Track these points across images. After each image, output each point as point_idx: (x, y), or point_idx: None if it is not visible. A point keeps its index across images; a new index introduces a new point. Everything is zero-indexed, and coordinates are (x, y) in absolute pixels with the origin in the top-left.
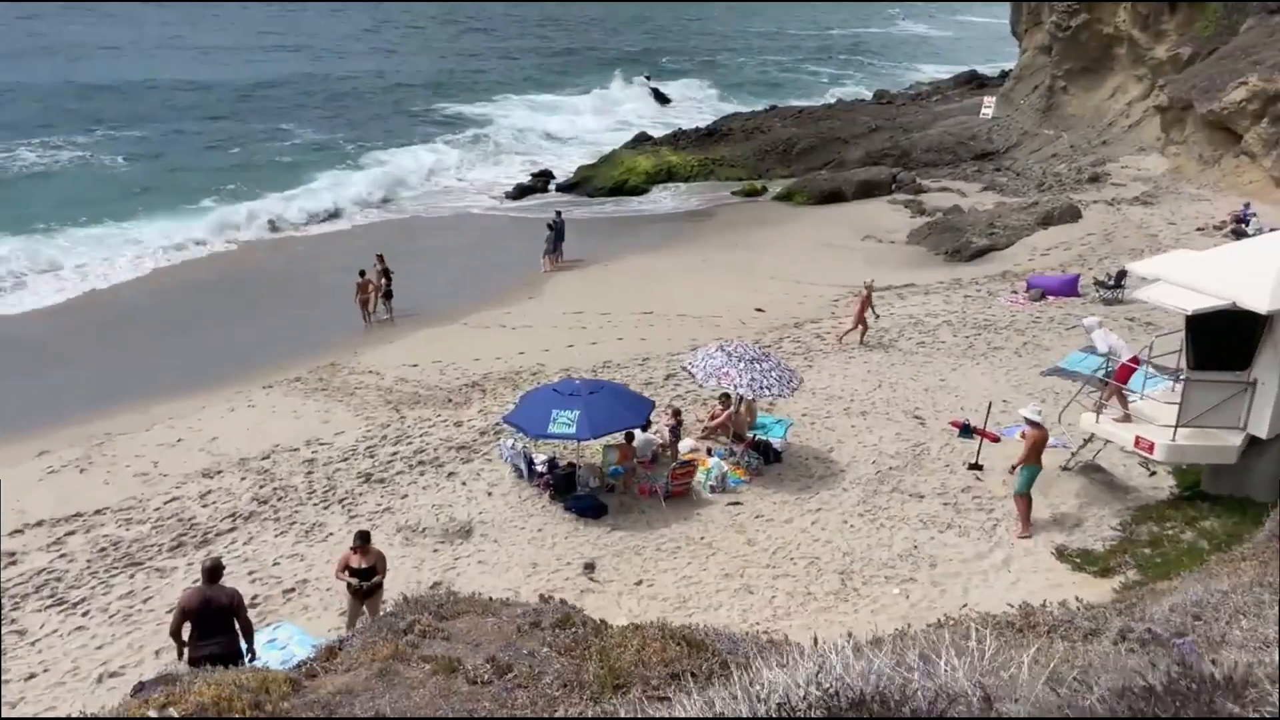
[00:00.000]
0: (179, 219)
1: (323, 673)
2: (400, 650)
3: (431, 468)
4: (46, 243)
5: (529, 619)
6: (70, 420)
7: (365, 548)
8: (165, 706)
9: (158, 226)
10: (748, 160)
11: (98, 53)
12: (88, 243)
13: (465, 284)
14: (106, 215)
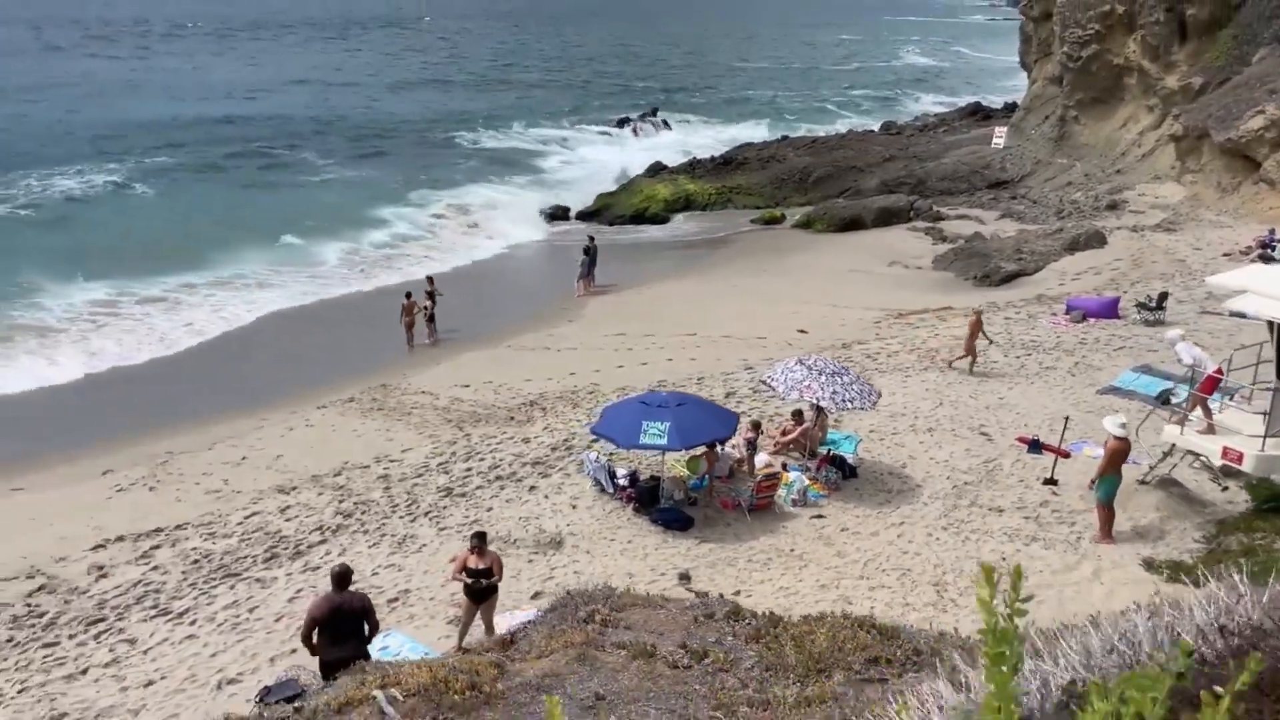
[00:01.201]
0: (265, 253)
1: (508, 660)
2: (591, 637)
3: (510, 482)
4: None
5: (699, 611)
6: (128, 440)
7: (483, 549)
8: (386, 687)
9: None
10: (764, 189)
11: (119, 88)
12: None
13: (502, 308)
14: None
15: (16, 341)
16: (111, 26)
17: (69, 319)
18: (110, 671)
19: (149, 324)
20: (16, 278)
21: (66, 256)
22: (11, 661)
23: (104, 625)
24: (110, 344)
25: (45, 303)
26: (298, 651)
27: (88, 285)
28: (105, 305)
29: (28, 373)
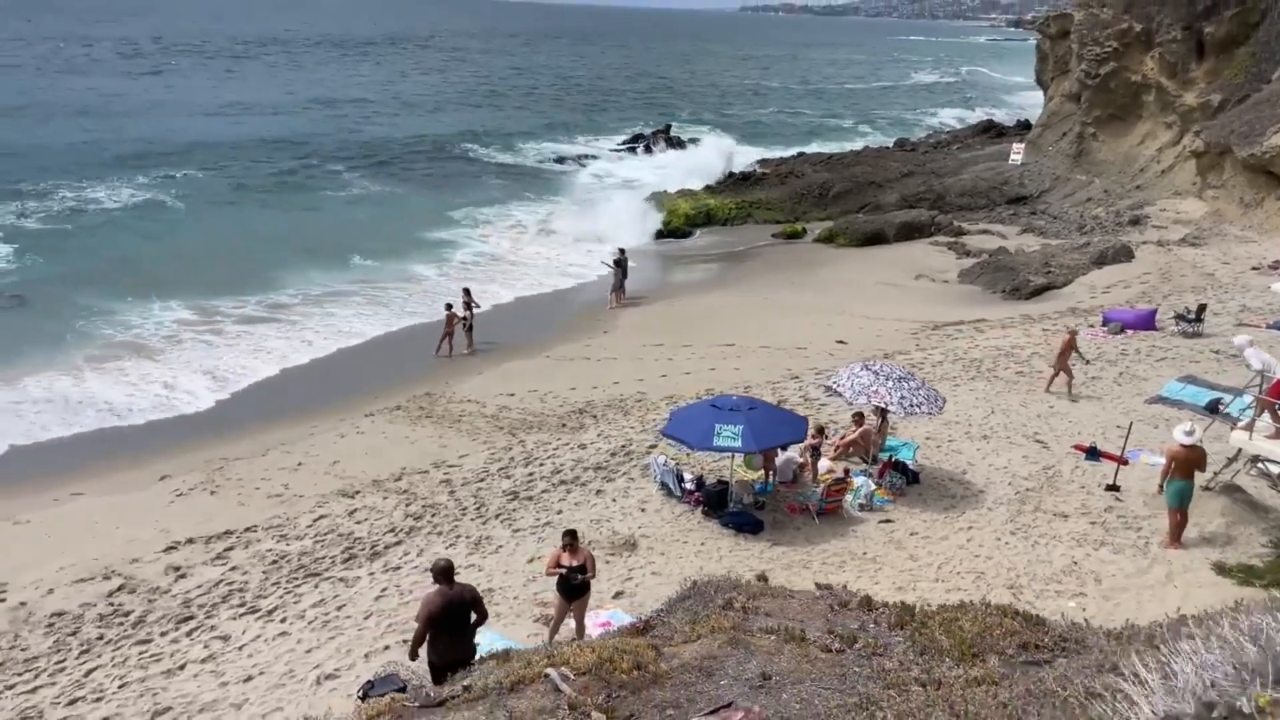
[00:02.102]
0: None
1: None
2: (738, 622)
3: (575, 486)
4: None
5: (831, 600)
6: (180, 448)
7: (575, 546)
8: (561, 665)
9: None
10: (784, 204)
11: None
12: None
13: (536, 319)
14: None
15: (146, 361)
16: (127, 44)
17: (167, 337)
18: (208, 667)
19: (261, 342)
20: (90, 293)
21: (127, 271)
22: (107, 658)
23: (194, 623)
24: (247, 360)
25: (133, 320)
26: (390, 648)
27: (167, 303)
28: (201, 323)
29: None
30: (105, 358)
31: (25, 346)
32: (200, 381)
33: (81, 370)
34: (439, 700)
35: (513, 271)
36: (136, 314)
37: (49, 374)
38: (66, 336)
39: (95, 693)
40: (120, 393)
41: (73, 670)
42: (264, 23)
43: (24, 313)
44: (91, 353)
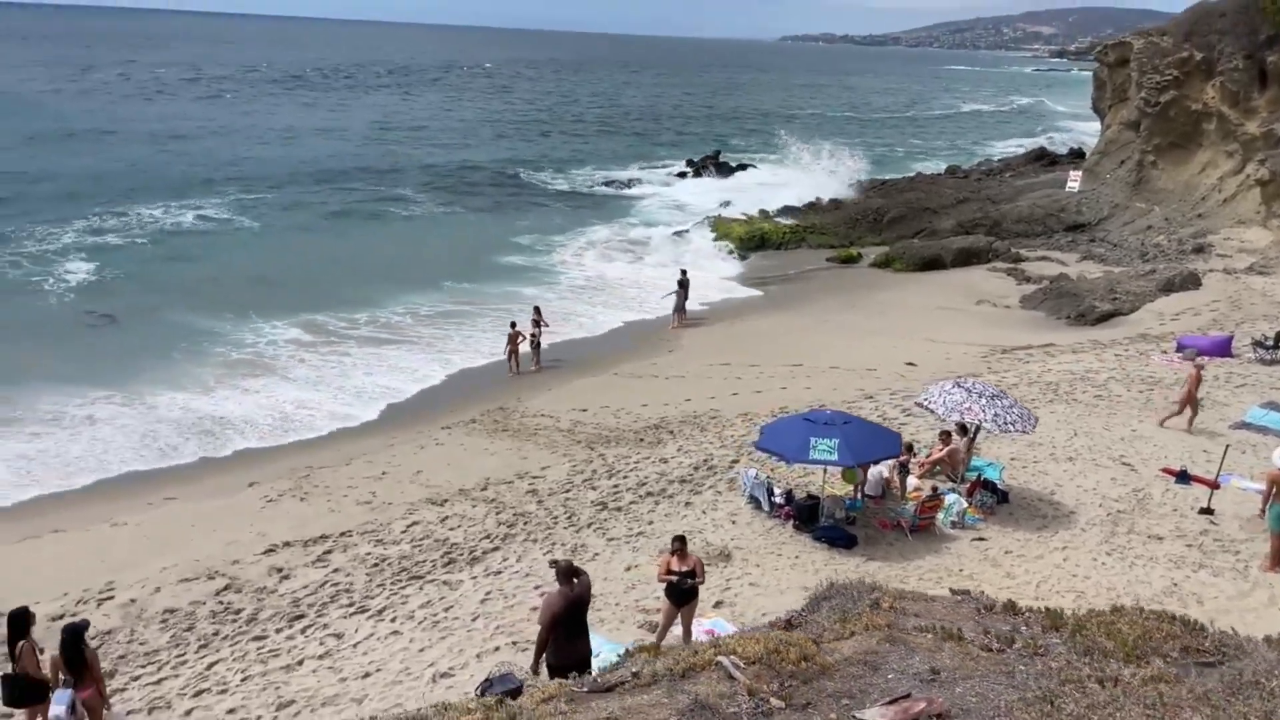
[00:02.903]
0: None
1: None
2: (892, 621)
3: (663, 498)
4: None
5: (974, 604)
6: (265, 456)
7: (684, 551)
8: (730, 655)
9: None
10: (838, 228)
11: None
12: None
13: (600, 338)
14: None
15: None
16: (192, 71)
17: (290, 355)
18: (325, 663)
19: (398, 360)
20: (180, 311)
21: (213, 289)
22: (226, 652)
23: (306, 621)
24: (388, 379)
25: (246, 338)
26: (500, 650)
27: (272, 321)
28: (323, 343)
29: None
30: (232, 376)
31: (136, 364)
32: (338, 400)
33: (212, 389)
34: (608, 685)
35: (610, 294)
36: (244, 332)
37: (180, 394)
38: (173, 354)
39: (219, 685)
40: (262, 412)
41: (194, 664)
42: (323, 51)
43: (120, 331)
44: (216, 372)
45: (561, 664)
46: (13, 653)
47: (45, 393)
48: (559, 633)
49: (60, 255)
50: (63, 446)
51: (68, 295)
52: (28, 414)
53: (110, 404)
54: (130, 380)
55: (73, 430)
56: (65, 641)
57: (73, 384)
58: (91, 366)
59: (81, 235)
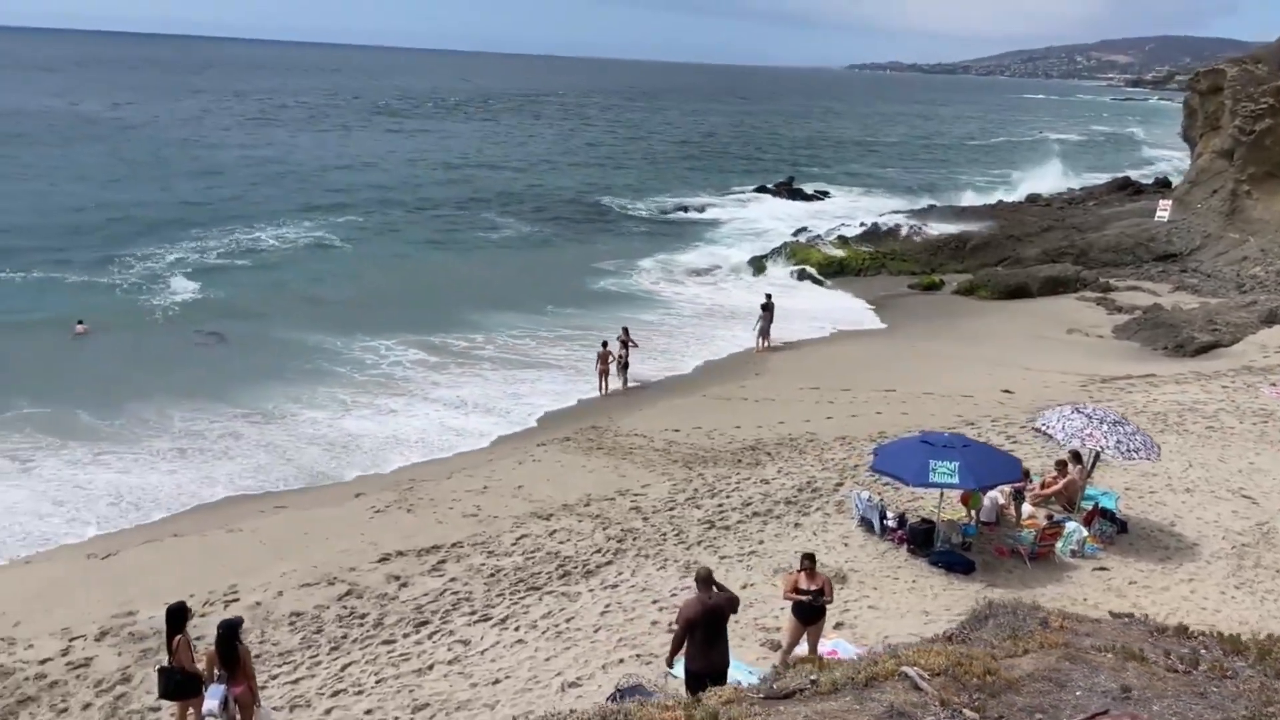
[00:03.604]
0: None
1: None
2: (1069, 640)
3: (770, 519)
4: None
5: (1142, 626)
6: (364, 468)
7: (813, 570)
8: (913, 664)
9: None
10: (919, 255)
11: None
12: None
13: (686, 360)
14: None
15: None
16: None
17: (419, 376)
18: (455, 669)
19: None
20: (284, 328)
21: (315, 308)
22: (358, 655)
23: (431, 627)
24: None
25: (367, 358)
26: (625, 661)
27: (384, 339)
28: (453, 363)
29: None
30: (364, 395)
31: (258, 384)
32: (482, 418)
33: (350, 408)
34: (786, 692)
35: (694, 316)
36: (358, 351)
37: (320, 413)
38: (287, 373)
39: (355, 686)
40: (411, 431)
41: (328, 665)
42: (403, 80)
43: (231, 349)
44: (347, 391)
45: (697, 670)
46: (170, 646)
47: (175, 409)
48: (695, 638)
49: (165, 275)
50: (208, 463)
51: (173, 310)
52: (163, 430)
53: (249, 422)
54: (260, 399)
55: (216, 445)
56: (220, 637)
57: (204, 401)
58: (217, 384)
59: (183, 256)
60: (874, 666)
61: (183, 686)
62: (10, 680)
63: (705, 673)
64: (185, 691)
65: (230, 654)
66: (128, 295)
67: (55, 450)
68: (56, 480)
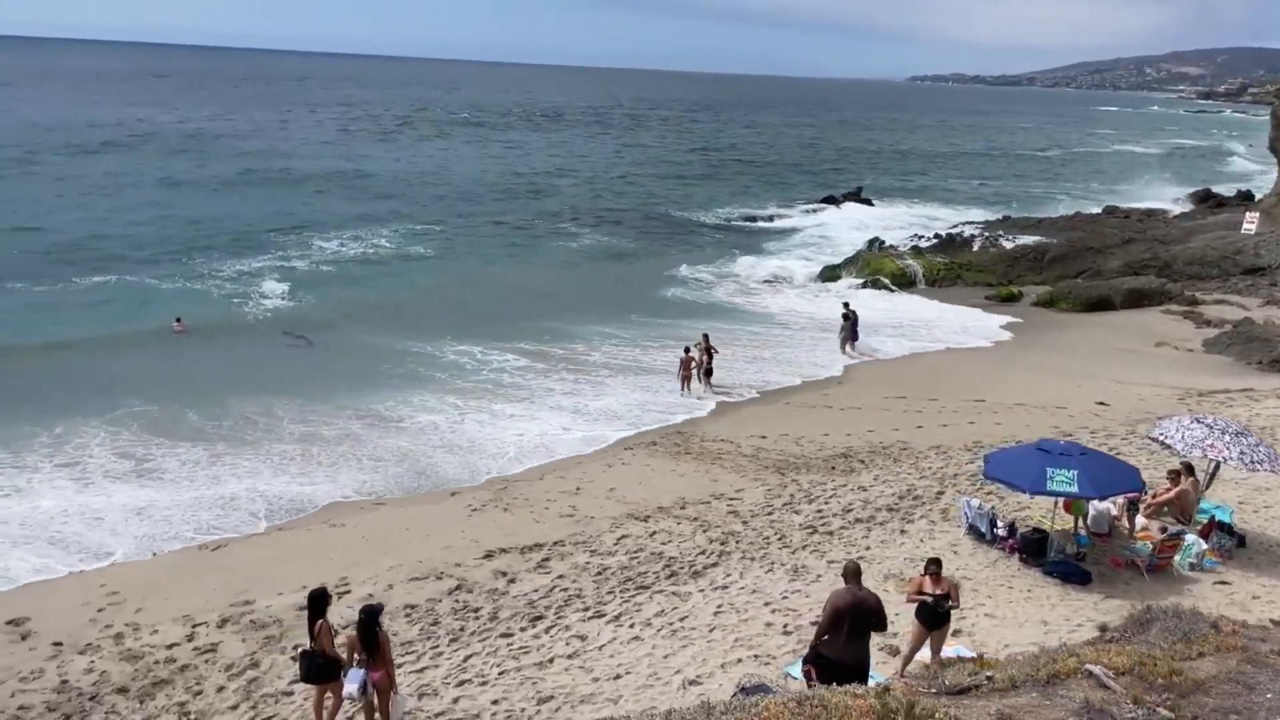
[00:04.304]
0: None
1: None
2: (1244, 645)
3: (874, 525)
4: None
5: None
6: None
7: (939, 575)
8: (1095, 663)
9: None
10: (995, 266)
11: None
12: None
13: (765, 367)
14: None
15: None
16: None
17: (534, 382)
18: (576, 663)
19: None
20: (372, 332)
21: (404, 313)
22: (478, 647)
23: (546, 622)
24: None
25: (466, 364)
26: (743, 661)
27: (481, 345)
28: (559, 370)
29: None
30: (474, 400)
31: (359, 386)
32: (570, 422)
33: (466, 414)
34: (959, 688)
35: (771, 324)
36: (453, 357)
37: (430, 415)
38: (382, 376)
39: (479, 677)
40: (531, 436)
41: (450, 656)
42: (474, 93)
43: (323, 353)
44: (451, 395)
45: (839, 661)
46: (311, 631)
47: (282, 409)
48: (840, 629)
49: (256, 281)
50: (335, 463)
51: (266, 314)
52: (273, 430)
53: (365, 424)
54: (367, 400)
55: (339, 446)
56: (362, 622)
57: (310, 402)
58: (319, 386)
59: (270, 263)
60: (1054, 664)
61: (323, 670)
62: (141, 663)
63: (848, 664)
64: (325, 675)
65: (371, 639)
66: (224, 299)
67: (169, 449)
68: (208, 475)
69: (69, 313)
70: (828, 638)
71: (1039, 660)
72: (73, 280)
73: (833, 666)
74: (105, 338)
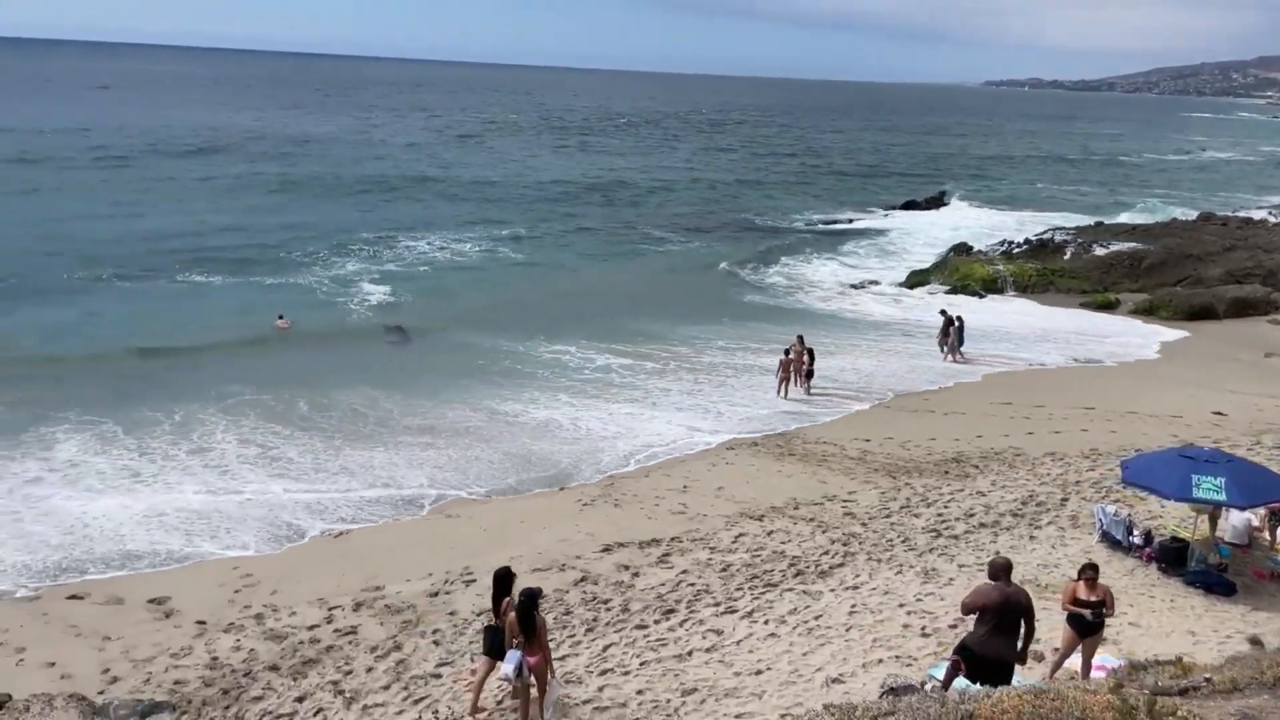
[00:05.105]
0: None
1: None
2: None
3: (1000, 530)
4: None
5: None
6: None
7: (1094, 581)
8: None
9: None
10: (1090, 273)
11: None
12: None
13: (862, 371)
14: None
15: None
16: (430, 116)
17: (647, 381)
18: (715, 656)
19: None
20: (467, 332)
21: (499, 313)
22: (615, 638)
23: (679, 616)
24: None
25: (567, 362)
26: (883, 662)
27: (577, 344)
28: (669, 372)
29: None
30: (578, 396)
31: (462, 382)
32: (708, 420)
33: (578, 410)
34: (1178, 690)
35: (866, 327)
36: (549, 355)
37: (540, 411)
38: (482, 372)
39: (620, 667)
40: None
41: (588, 645)
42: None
43: (423, 351)
44: (563, 394)
45: (983, 654)
46: (496, 608)
47: (389, 402)
48: (987, 623)
49: (354, 280)
50: (457, 454)
51: (367, 313)
52: (386, 422)
53: (470, 416)
54: (473, 396)
55: (457, 439)
56: (522, 605)
57: (417, 396)
58: (421, 381)
59: (365, 264)
60: (1277, 667)
61: (503, 647)
62: (286, 643)
63: (994, 659)
64: (502, 652)
65: (529, 622)
66: (326, 297)
67: (287, 438)
68: (324, 464)
69: (174, 308)
70: (974, 631)
71: (1259, 664)
72: (176, 278)
73: (977, 661)
74: (210, 332)
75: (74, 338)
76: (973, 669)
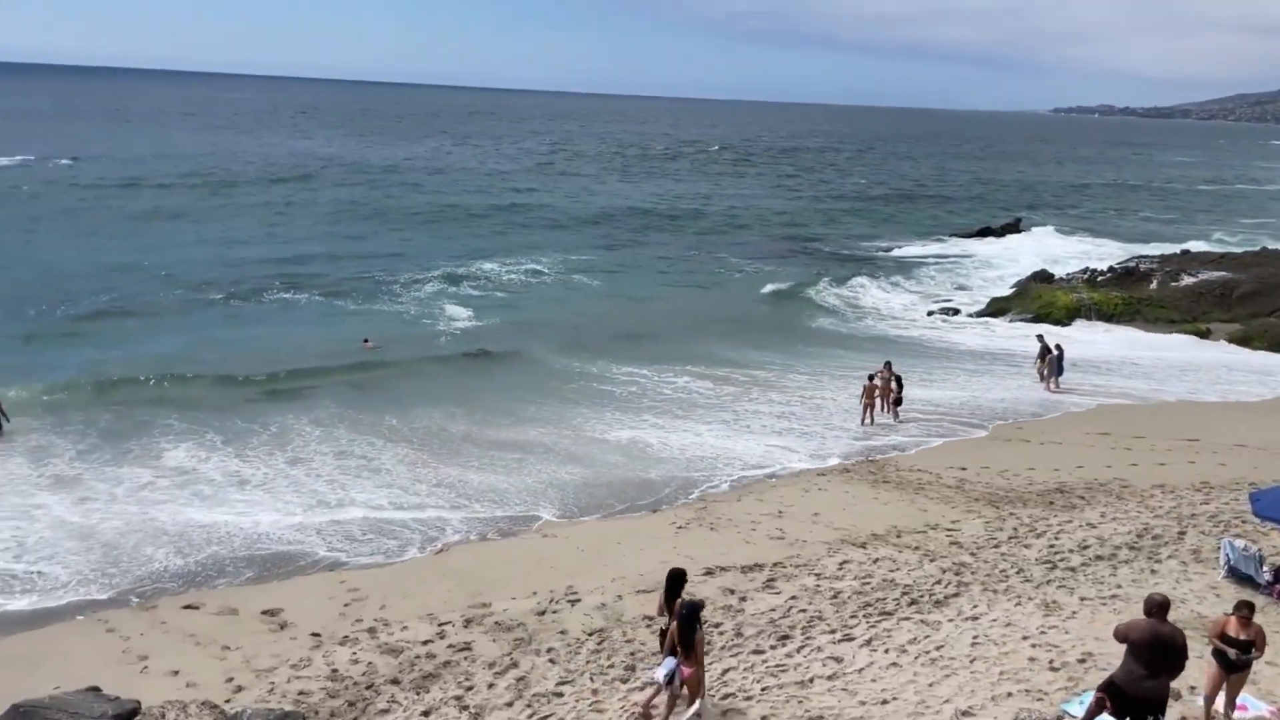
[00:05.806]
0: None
1: None
2: None
3: (1119, 563)
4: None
5: None
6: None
7: (1248, 619)
8: None
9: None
10: (1179, 302)
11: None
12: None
13: (947, 399)
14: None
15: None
16: (496, 144)
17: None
18: (837, 684)
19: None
20: (544, 350)
21: (573, 334)
22: (733, 662)
23: (795, 642)
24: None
25: (644, 381)
26: (1013, 696)
27: (654, 366)
28: (758, 395)
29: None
30: (669, 417)
31: (547, 403)
32: (799, 442)
33: (668, 431)
34: None
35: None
36: (626, 375)
37: (624, 431)
38: (569, 394)
39: (743, 692)
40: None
41: (708, 669)
42: (620, 126)
43: (508, 373)
44: (642, 414)
45: (1130, 692)
46: (670, 608)
47: (473, 422)
48: (1136, 658)
49: (437, 303)
50: (546, 472)
51: (451, 335)
52: (470, 440)
53: (566, 438)
54: (558, 417)
55: (545, 456)
56: (684, 616)
57: (501, 417)
58: (508, 401)
59: (444, 287)
60: None
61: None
62: (402, 657)
63: (1143, 699)
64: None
65: (689, 634)
66: (413, 320)
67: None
68: (417, 480)
69: (264, 326)
70: (1122, 667)
71: None
72: (263, 298)
73: (1126, 699)
74: (300, 352)
75: (175, 356)
76: (1120, 707)
